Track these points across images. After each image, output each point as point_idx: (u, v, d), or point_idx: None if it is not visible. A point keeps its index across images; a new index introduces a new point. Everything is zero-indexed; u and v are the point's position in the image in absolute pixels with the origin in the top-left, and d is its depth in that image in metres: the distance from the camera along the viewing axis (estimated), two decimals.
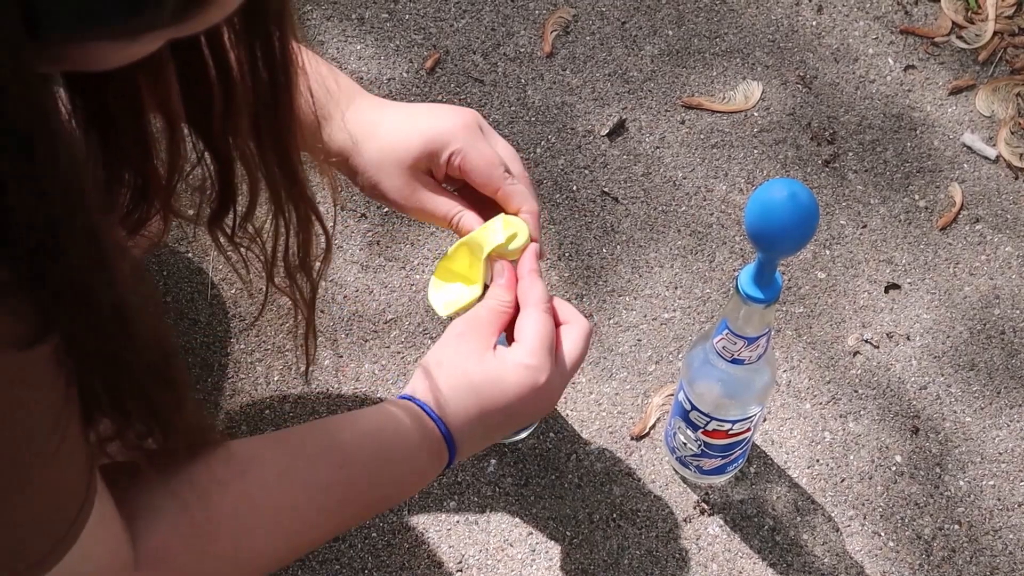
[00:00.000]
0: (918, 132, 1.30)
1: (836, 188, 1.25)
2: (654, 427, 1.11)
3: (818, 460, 1.11)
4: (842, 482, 1.10)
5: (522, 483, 1.08)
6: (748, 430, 1.00)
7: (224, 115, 0.73)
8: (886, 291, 1.20)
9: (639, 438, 1.11)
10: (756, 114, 1.30)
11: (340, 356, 1.13)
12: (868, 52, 1.35)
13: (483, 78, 1.30)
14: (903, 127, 1.30)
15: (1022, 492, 1.10)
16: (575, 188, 1.24)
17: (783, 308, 1.18)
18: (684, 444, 1.03)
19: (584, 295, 1.18)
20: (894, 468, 1.11)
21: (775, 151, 1.27)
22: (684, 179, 1.25)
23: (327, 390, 1.12)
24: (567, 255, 1.20)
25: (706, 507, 1.08)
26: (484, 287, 0.89)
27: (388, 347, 1.14)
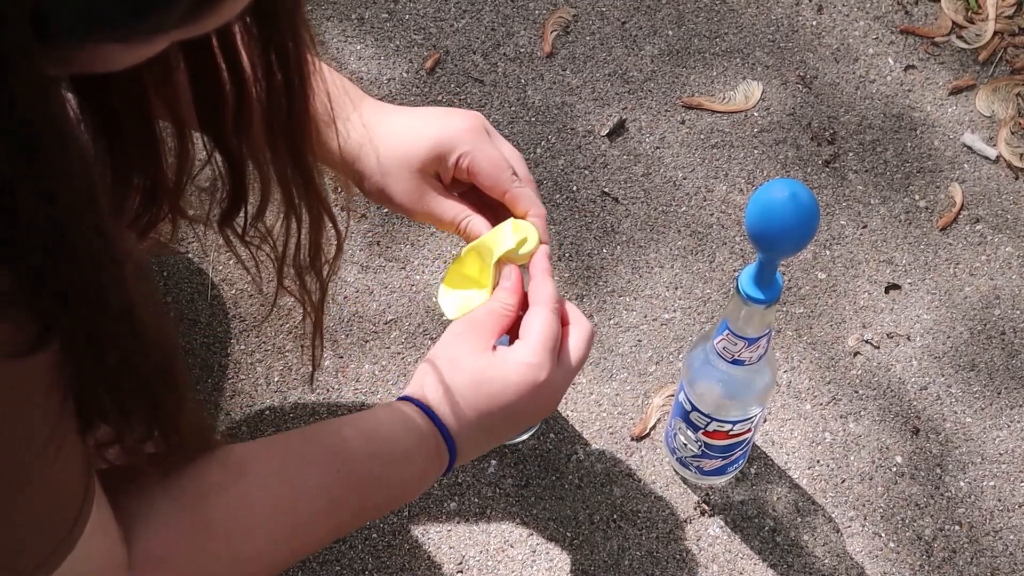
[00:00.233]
0: (918, 132, 1.30)
1: (836, 188, 1.25)
2: (654, 428, 1.11)
3: (818, 461, 1.11)
4: (842, 483, 1.10)
5: (522, 484, 1.08)
6: (749, 431, 1.00)
7: (236, 115, 0.73)
8: (886, 291, 1.20)
9: (639, 439, 1.11)
10: (756, 114, 1.30)
11: (340, 357, 1.13)
12: (868, 52, 1.35)
13: (483, 78, 1.30)
14: (903, 127, 1.30)
15: (1023, 493, 1.10)
16: (575, 188, 1.24)
17: (783, 309, 1.18)
18: (684, 445, 1.03)
19: (584, 295, 1.18)
20: (894, 469, 1.11)
21: (775, 151, 1.27)
22: (684, 179, 1.25)
23: (327, 391, 1.12)
24: (567, 255, 1.20)
25: (707, 508, 1.08)
26: (494, 291, 0.89)
27: (388, 348, 1.14)
